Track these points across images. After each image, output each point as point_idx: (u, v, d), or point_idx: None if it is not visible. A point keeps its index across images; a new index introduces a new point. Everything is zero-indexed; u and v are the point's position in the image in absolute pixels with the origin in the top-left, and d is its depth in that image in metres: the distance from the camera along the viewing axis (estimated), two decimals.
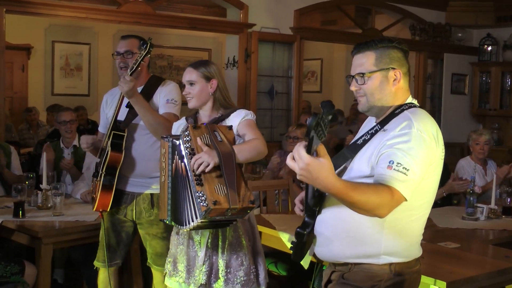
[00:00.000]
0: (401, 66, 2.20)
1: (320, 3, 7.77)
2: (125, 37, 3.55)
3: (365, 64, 2.18)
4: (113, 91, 3.67)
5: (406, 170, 1.98)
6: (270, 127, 7.55)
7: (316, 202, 2.20)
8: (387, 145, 2.06)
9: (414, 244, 2.25)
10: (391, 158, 2.01)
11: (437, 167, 2.15)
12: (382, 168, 2.01)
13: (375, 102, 2.20)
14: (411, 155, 2.01)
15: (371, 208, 1.95)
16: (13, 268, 3.62)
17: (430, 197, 2.21)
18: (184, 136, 2.76)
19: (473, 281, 2.92)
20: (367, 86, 2.18)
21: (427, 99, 9.15)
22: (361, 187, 1.95)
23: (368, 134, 2.21)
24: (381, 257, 2.16)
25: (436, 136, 2.12)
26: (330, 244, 2.22)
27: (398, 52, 2.20)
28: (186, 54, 10.62)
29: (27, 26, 8.77)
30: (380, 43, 2.19)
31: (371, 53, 2.18)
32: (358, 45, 2.23)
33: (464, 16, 8.98)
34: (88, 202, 4.23)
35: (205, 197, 2.57)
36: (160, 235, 3.46)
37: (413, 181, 2.01)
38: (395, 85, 2.19)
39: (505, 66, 9.03)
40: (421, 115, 2.15)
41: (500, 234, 3.93)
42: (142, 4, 6.58)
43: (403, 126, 2.08)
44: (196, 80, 2.96)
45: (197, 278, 2.89)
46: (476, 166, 5.13)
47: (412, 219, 2.18)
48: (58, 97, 9.32)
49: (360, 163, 2.17)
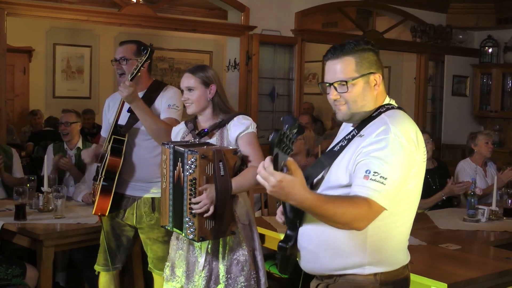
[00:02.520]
0: (379, 69, 2.11)
1: (321, 5, 7.78)
2: (122, 43, 3.55)
3: (345, 71, 2.06)
4: (115, 96, 3.66)
5: (383, 179, 1.91)
6: (271, 129, 7.54)
7: (296, 215, 2.14)
8: (363, 152, 1.98)
9: (399, 251, 2.15)
10: (368, 167, 1.93)
11: (419, 171, 2.07)
12: (359, 179, 1.94)
13: (358, 110, 2.09)
14: (389, 163, 1.93)
15: (348, 221, 1.89)
16: (15, 271, 3.63)
17: (413, 202, 2.11)
18: (189, 158, 2.70)
19: (474, 283, 2.91)
20: (349, 94, 2.06)
21: (428, 101, 9.15)
22: (336, 200, 1.89)
23: (345, 140, 2.12)
24: (365, 267, 2.07)
25: (416, 139, 2.03)
26: (314, 258, 2.15)
27: (373, 54, 2.11)
28: (187, 57, 10.64)
29: (28, 29, 8.79)
30: (357, 47, 2.07)
31: (350, 58, 2.06)
32: (333, 49, 2.10)
33: (465, 18, 8.99)
34: (90, 204, 4.23)
35: (194, 228, 2.73)
36: (161, 239, 3.46)
37: (392, 189, 1.93)
38: (376, 90, 2.10)
39: (506, 68, 9.03)
40: (398, 118, 2.06)
41: (501, 235, 3.93)
42: (143, 7, 6.59)
43: (380, 132, 1.99)
44: (195, 86, 2.95)
45: (196, 284, 2.88)
46: (476, 168, 5.13)
47: (396, 225, 2.09)
48: (59, 100, 9.34)
49: (338, 171, 2.08)
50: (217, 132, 2.95)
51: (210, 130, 2.95)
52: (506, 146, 8.98)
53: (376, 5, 8.43)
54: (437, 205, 4.79)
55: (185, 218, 2.74)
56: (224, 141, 2.92)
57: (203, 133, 2.95)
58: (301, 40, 7.53)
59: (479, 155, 5.27)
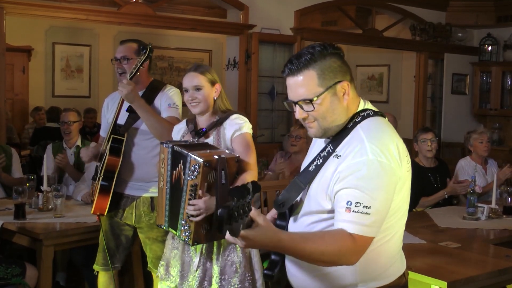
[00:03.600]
0: (345, 74, 1.91)
1: (321, 4, 7.77)
2: (123, 42, 3.54)
3: (308, 87, 1.87)
4: (114, 95, 3.66)
5: (367, 209, 1.77)
6: (271, 128, 7.54)
7: None
8: (341, 179, 1.82)
9: (393, 264, 2.01)
10: (349, 198, 1.79)
11: (405, 182, 1.91)
12: (340, 213, 1.80)
13: (329, 125, 1.91)
14: (370, 190, 1.78)
15: (331, 259, 1.78)
16: (14, 270, 3.62)
17: (402, 213, 1.97)
18: (192, 164, 2.69)
19: (474, 281, 2.92)
20: (317, 112, 1.88)
21: (428, 99, 9.14)
22: (313, 237, 1.79)
23: (320, 158, 1.95)
24: (358, 286, 1.95)
25: (398, 153, 1.86)
26: (303, 282, 2.02)
27: (337, 59, 1.90)
28: (187, 56, 10.63)
29: (28, 28, 8.79)
30: (315, 55, 1.87)
31: (310, 71, 1.87)
32: (289, 64, 1.91)
33: (464, 16, 8.98)
34: (89, 203, 4.23)
35: (190, 232, 2.73)
36: (160, 239, 3.44)
37: (378, 217, 1.81)
38: (346, 99, 1.90)
39: (506, 66, 9.03)
40: (375, 131, 1.89)
41: (501, 233, 3.93)
42: (143, 6, 6.59)
43: (356, 153, 1.83)
44: (203, 85, 2.94)
45: (190, 284, 2.88)
46: (476, 166, 5.13)
47: (386, 240, 1.94)
48: (58, 99, 9.33)
49: (317, 195, 1.93)
50: (214, 131, 2.95)
51: (208, 130, 2.95)
52: (506, 144, 8.97)
53: (375, 4, 8.43)
54: (437, 203, 4.79)
55: (181, 220, 2.73)
56: (220, 140, 2.92)
57: (201, 133, 2.95)
58: (301, 38, 7.52)
59: (476, 154, 5.30)
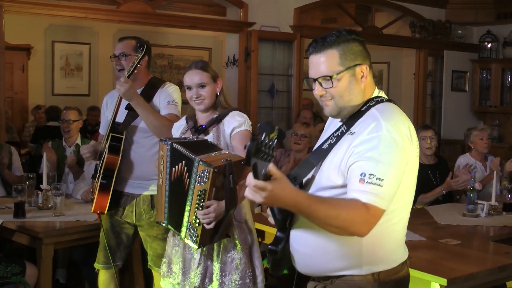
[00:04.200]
0: (365, 59, 2.01)
1: (320, 1, 7.77)
2: (122, 39, 3.54)
3: (329, 65, 1.98)
4: (113, 93, 3.65)
5: (380, 181, 1.83)
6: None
7: (284, 217, 2.06)
8: (355, 153, 1.90)
9: (397, 249, 2.08)
10: (363, 169, 1.85)
11: (413, 167, 1.99)
12: (354, 183, 1.86)
13: (345, 104, 2.00)
14: (384, 163, 1.85)
15: (343, 225, 1.81)
16: (14, 269, 3.62)
17: (408, 198, 2.04)
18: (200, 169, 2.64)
19: (474, 278, 2.92)
20: (335, 89, 1.98)
21: (428, 97, 9.15)
22: (330, 200, 1.83)
23: (334, 137, 2.03)
24: (363, 267, 2.00)
25: (409, 134, 1.95)
26: (309, 261, 2.08)
27: (359, 44, 2.01)
28: (186, 53, 10.62)
29: (27, 26, 8.78)
30: (340, 38, 1.98)
31: (333, 51, 1.98)
32: (315, 43, 2.01)
33: (464, 13, 8.97)
34: (89, 201, 4.23)
35: (197, 236, 2.71)
36: (160, 236, 3.44)
37: (390, 190, 1.86)
38: (364, 82, 2.01)
39: (505, 63, 9.03)
40: (390, 112, 1.98)
41: (500, 230, 3.94)
42: (142, 4, 6.58)
43: (371, 129, 1.91)
44: (208, 82, 2.94)
45: (192, 281, 2.88)
46: (476, 163, 5.13)
47: (392, 223, 2.01)
48: (58, 97, 9.32)
49: (329, 172, 1.99)
50: (214, 128, 2.94)
51: (208, 126, 2.94)
52: (506, 141, 8.98)
53: (375, 1, 8.42)
54: (438, 200, 4.78)
55: (188, 224, 2.71)
56: (220, 137, 2.92)
57: (201, 129, 2.95)
58: (300, 36, 7.52)
59: (476, 151, 5.30)
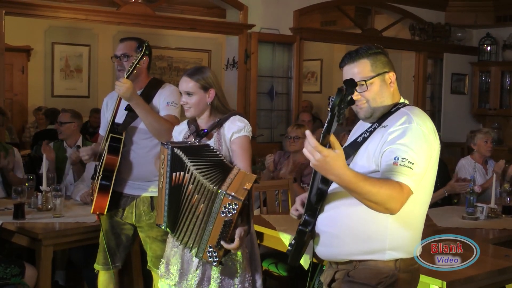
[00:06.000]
0: (392, 68, 2.29)
1: (320, 4, 7.78)
2: (123, 40, 3.54)
3: (362, 72, 2.23)
4: (113, 94, 3.64)
5: (411, 164, 2.04)
6: (270, 127, 7.55)
7: (319, 199, 2.22)
8: (388, 140, 2.11)
9: (416, 240, 2.27)
10: (396, 154, 2.06)
11: (435, 162, 2.21)
12: (388, 165, 2.06)
13: (378, 105, 2.24)
14: (414, 149, 2.06)
15: (382, 200, 1.99)
16: (14, 270, 3.62)
17: (429, 192, 2.26)
18: (226, 202, 2.57)
19: (473, 281, 2.92)
20: (369, 92, 2.23)
21: (427, 99, 9.16)
22: (371, 178, 2.01)
23: (367, 132, 2.26)
24: (386, 252, 2.19)
25: (434, 130, 2.19)
26: (335, 241, 2.23)
27: (385, 56, 2.28)
28: (186, 55, 10.64)
29: (27, 28, 8.79)
30: (370, 50, 2.25)
31: (365, 60, 2.24)
32: (349, 55, 2.28)
33: (463, 16, 8.99)
34: (88, 203, 4.23)
35: (217, 258, 2.66)
36: (160, 238, 3.44)
37: (419, 174, 2.07)
38: (392, 87, 2.27)
39: (505, 66, 9.04)
40: (417, 111, 2.22)
41: (500, 233, 3.93)
42: (142, 6, 6.59)
43: (403, 121, 2.14)
44: (194, 91, 2.90)
45: (189, 283, 2.87)
46: (476, 166, 5.13)
47: (415, 213, 2.23)
48: (58, 99, 9.34)
49: (363, 160, 2.21)
50: (215, 132, 2.94)
51: (209, 131, 2.94)
52: (505, 144, 8.98)
53: (374, 3, 8.43)
54: (436, 203, 4.78)
55: (208, 247, 2.66)
56: (221, 141, 2.91)
57: (202, 134, 2.94)
58: (300, 38, 7.52)
59: (479, 153, 5.26)
